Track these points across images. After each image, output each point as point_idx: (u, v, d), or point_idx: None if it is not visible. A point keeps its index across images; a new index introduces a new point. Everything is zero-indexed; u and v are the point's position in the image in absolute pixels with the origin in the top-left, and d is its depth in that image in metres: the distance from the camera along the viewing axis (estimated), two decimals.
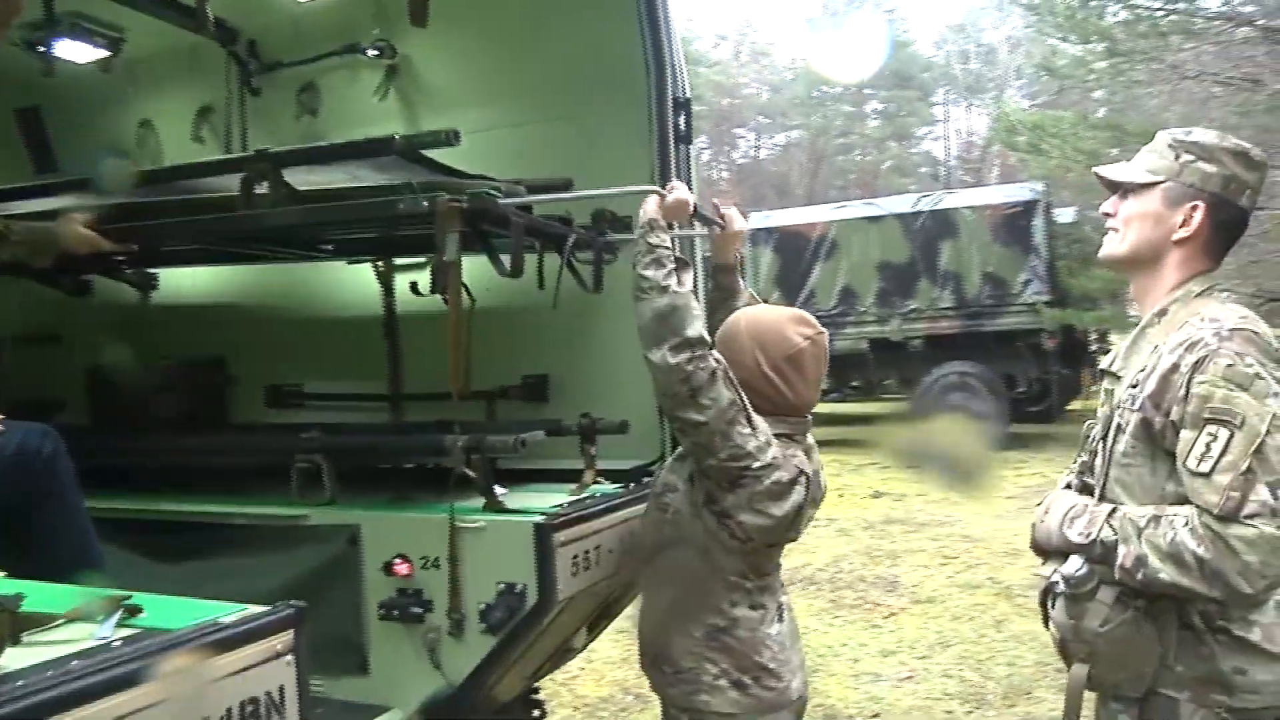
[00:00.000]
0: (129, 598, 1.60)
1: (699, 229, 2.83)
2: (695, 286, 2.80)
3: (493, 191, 2.47)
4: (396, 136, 2.58)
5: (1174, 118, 11.63)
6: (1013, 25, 37.59)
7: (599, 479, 3.03)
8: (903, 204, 13.55)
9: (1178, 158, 1.88)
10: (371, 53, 3.62)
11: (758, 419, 2.10)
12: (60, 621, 1.51)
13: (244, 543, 2.79)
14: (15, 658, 1.33)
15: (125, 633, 1.46)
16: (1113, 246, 1.98)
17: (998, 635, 5.66)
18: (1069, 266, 12.36)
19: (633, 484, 3.01)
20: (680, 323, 2.06)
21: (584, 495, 2.83)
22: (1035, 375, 12.37)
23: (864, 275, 12.95)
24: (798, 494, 2.14)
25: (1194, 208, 1.86)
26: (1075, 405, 14.35)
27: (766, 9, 57.80)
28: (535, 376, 3.45)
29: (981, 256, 12.45)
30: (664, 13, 3.21)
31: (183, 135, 4.02)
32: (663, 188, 3.20)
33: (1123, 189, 1.96)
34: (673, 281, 2.10)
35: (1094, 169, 2.05)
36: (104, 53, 3.93)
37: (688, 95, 3.31)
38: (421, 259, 3.57)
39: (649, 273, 2.11)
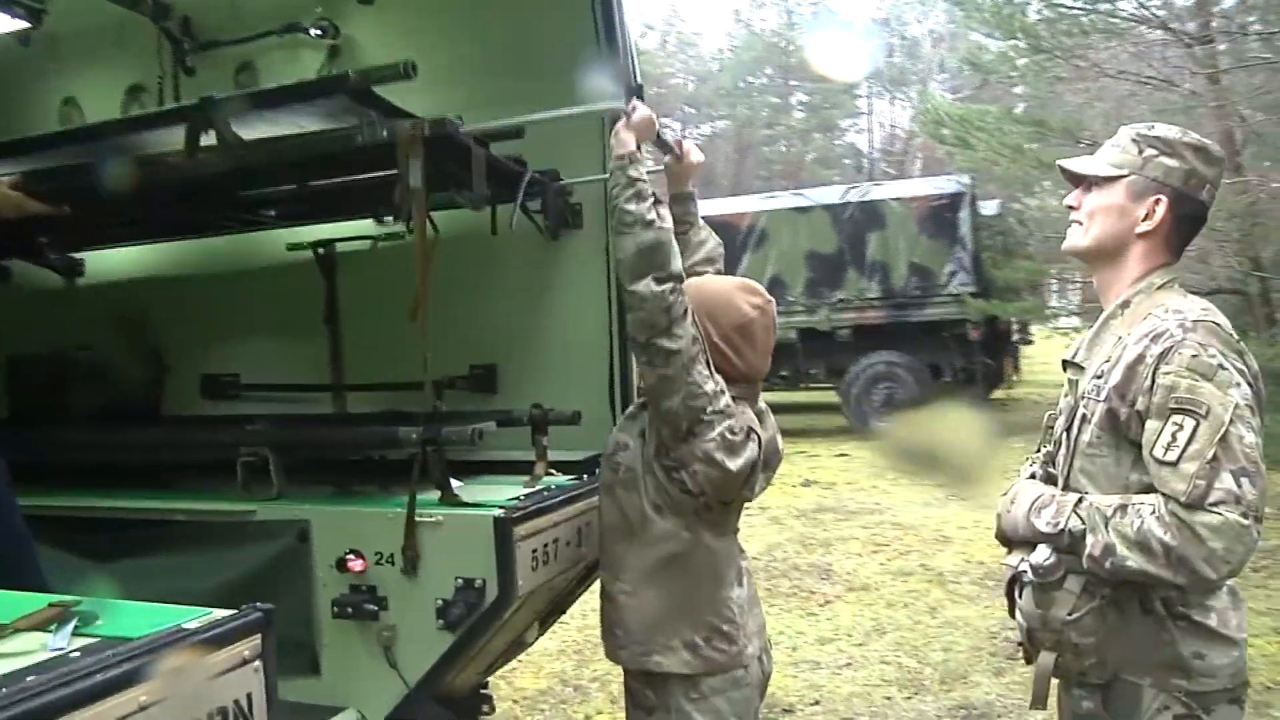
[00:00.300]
0: (79, 604, 1.51)
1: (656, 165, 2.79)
2: None
3: (453, 119, 2.44)
4: (350, 72, 2.47)
5: (1095, 115, 11.97)
6: (936, 20, 38.36)
7: (551, 470, 2.98)
8: (831, 195, 13.70)
9: (1140, 152, 1.92)
10: (314, 32, 3.49)
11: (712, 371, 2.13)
12: (8, 631, 1.42)
13: (186, 540, 2.68)
14: None
15: (82, 642, 1.38)
16: (1076, 239, 2.00)
17: (932, 621, 5.75)
18: (993, 258, 12.64)
19: (586, 476, 2.96)
20: (665, 257, 2.08)
21: (539, 488, 2.78)
22: (960, 365, 12.63)
23: (793, 265, 13.05)
24: (750, 450, 2.14)
25: (1156, 201, 1.90)
26: (999, 394, 14.74)
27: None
28: (483, 367, 3.38)
29: (908, 247, 12.65)
30: (619, 8, 3.16)
31: (110, 114, 3.83)
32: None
33: (1086, 182, 1.98)
34: (655, 215, 2.10)
35: (1058, 161, 2.07)
36: (23, 24, 3.75)
37: (640, 83, 3.27)
38: (365, 235, 3.51)
39: (631, 206, 2.10)
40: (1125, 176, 1.92)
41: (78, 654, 1.32)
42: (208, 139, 2.56)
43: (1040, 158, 10.21)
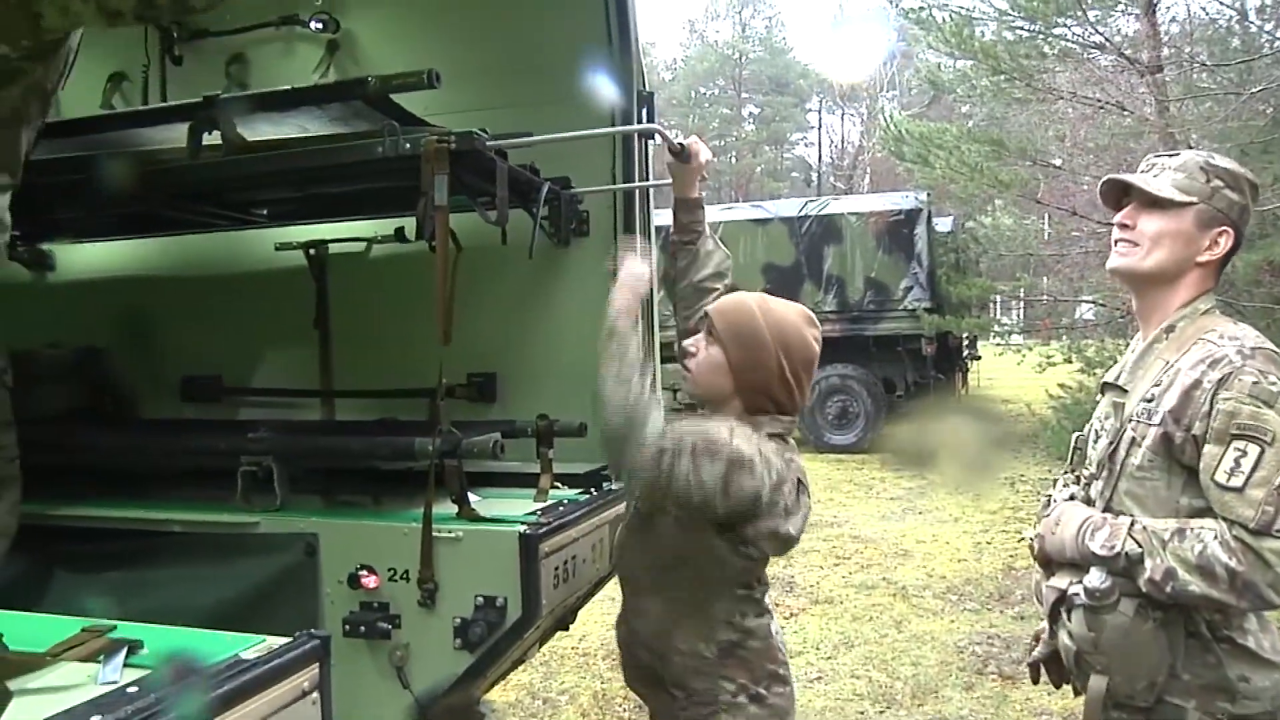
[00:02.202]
0: (114, 629, 1.41)
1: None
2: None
3: (478, 133, 2.37)
4: (370, 78, 2.39)
5: (1049, 137, 12.19)
6: (888, 37, 38.82)
7: (556, 484, 2.90)
8: (790, 208, 13.71)
9: (1208, 181, 1.92)
10: (315, 25, 3.38)
11: (744, 431, 1.91)
12: (48, 662, 1.31)
13: (183, 553, 2.55)
14: (19, 713, 1.13)
15: (133, 674, 1.27)
16: (1134, 260, 1.98)
17: (899, 635, 5.75)
18: (947, 274, 12.76)
19: (593, 489, 2.89)
20: (642, 428, 1.88)
21: (551, 502, 2.70)
22: (914, 379, 12.72)
23: (749, 277, 13.00)
24: (805, 503, 2.05)
25: (1222, 232, 1.92)
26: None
27: (648, 8, 58.12)
28: (483, 375, 3.30)
29: (865, 262, 12.72)
30: (631, 13, 3.12)
31: (91, 104, 3.66)
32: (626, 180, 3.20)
33: (1140, 202, 1.97)
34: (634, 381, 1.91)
35: (1116, 176, 2.05)
36: None
37: (650, 89, 3.23)
38: (358, 237, 3.40)
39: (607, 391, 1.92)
40: (1194, 204, 1.91)
41: (135, 689, 1.21)
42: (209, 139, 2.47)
43: (997, 176, 10.34)
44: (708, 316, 2.13)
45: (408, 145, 2.27)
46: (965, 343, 14.38)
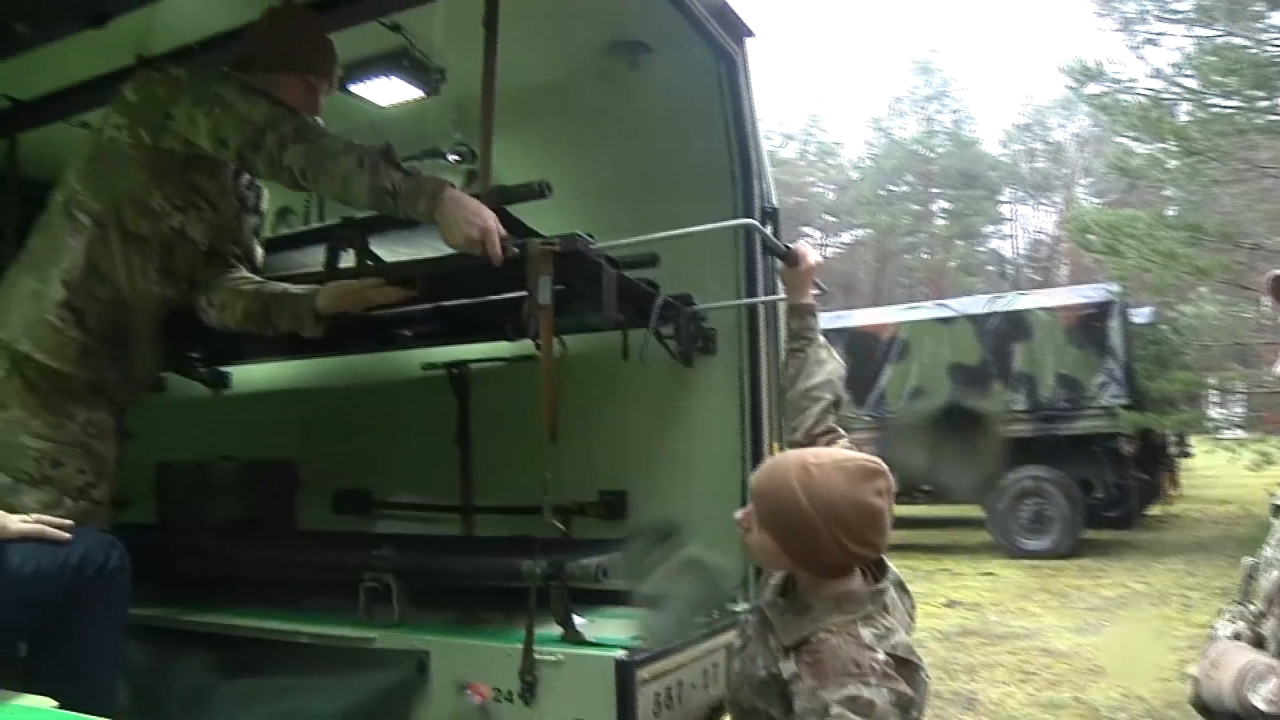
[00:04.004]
0: None
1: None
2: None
3: (584, 235, 2.41)
4: (482, 191, 2.45)
5: (1257, 217, 11.40)
6: (1080, 124, 37.64)
7: None
8: (975, 305, 13.26)
9: None
10: (452, 157, 3.58)
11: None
12: None
13: (306, 663, 2.65)
14: None
15: None
16: None
17: None
18: (1146, 369, 12.00)
19: (715, 613, 2.82)
20: None
21: None
22: (1113, 480, 11.88)
23: (936, 377, 12.66)
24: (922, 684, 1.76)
25: None
26: (1155, 511, 13.88)
27: (833, 109, 58.65)
28: (614, 493, 3.33)
29: (1056, 358, 12.10)
30: (751, 120, 3.15)
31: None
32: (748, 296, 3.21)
33: None
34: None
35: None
36: None
37: (774, 205, 3.23)
38: (499, 357, 3.51)
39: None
40: None
41: None
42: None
43: (1196, 263, 9.73)
44: (752, 493, 1.93)
45: (515, 250, 2.30)
46: (1173, 440, 13.38)
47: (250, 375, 4.05)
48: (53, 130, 3.33)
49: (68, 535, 2.01)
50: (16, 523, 1.95)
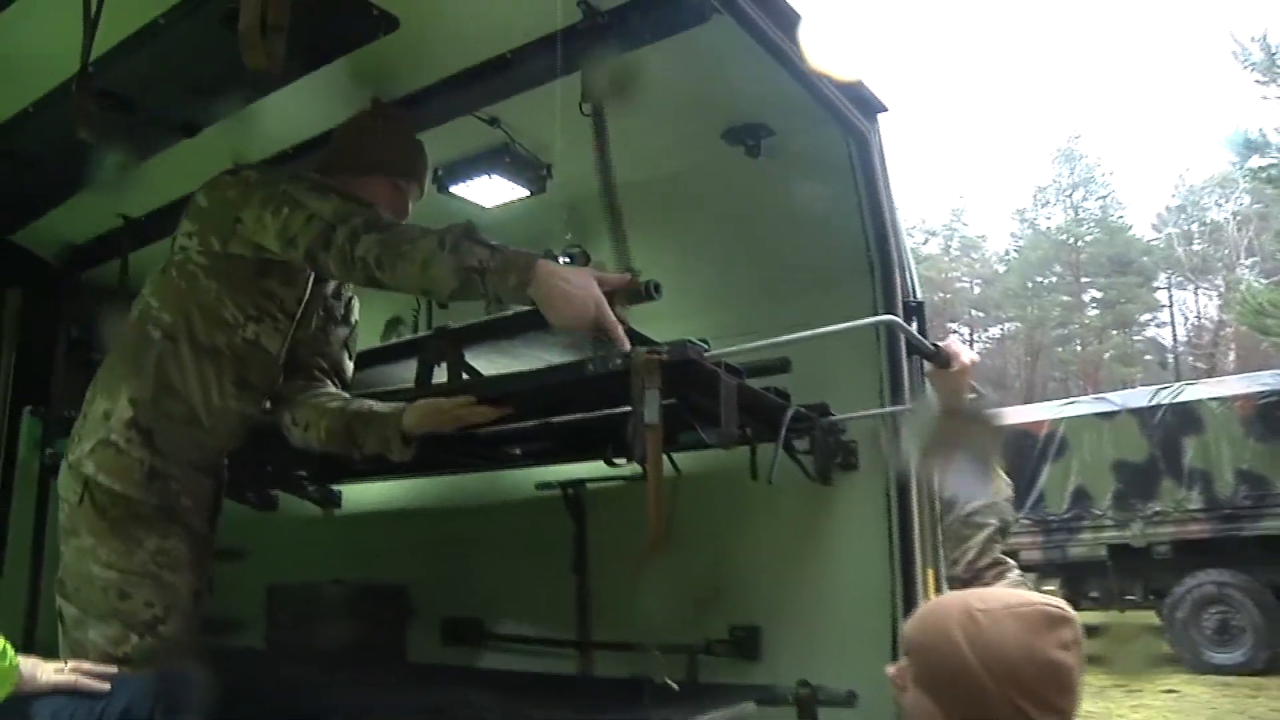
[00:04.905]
0: None
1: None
2: None
3: (696, 342, 2.12)
4: None
5: None
6: (1239, 201, 35.86)
7: None
8: (1138, 397, 12.46)
9: None
10: (563, 259, 3.36)
11: None
12: None
13: None
14: None
15: None
16: None
17: None
18: None
19: None
20: None
21: None
22: None
23: (1098, 476, 11.82)
24: None
25: None
26: None
27: (975, 202, 57.84)
28: (745, 629, 2.97)
29: (1234, 452, 11.16)
30: (888, 204, 2.83)
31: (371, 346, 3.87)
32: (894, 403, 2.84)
33: None
34: None
35: None
36: None
37: (919, 298, 2.88)
38: (619, 476, 3.22)
39: None
40: None
41: None
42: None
43: None
44: (906, 645, 1.60)
45: (619, 361, 2.05)
46: None
47: (362, 494, 3.88)
48: (159, 248, 3.28)
49: (105, 686, 1.84)
50: (49, 673, 1.82)
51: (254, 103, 2.64)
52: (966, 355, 2.06)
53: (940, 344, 2.04)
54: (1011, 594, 1.55)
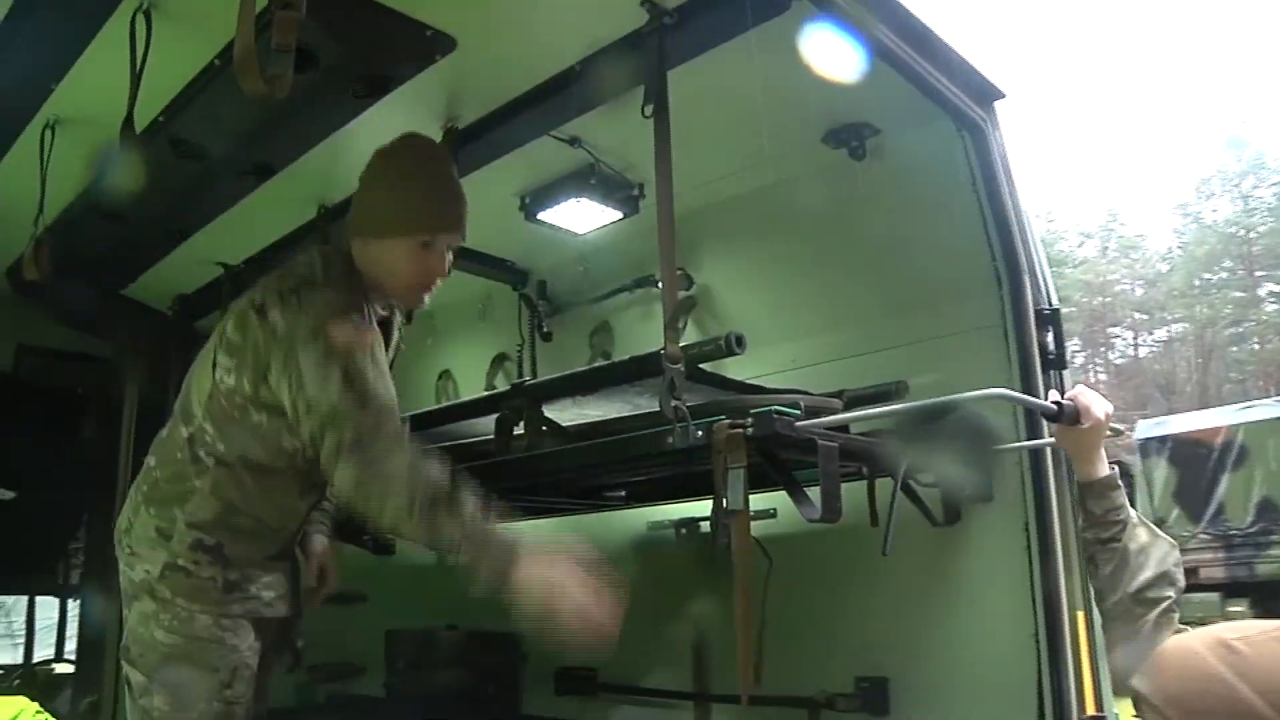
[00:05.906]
0: None
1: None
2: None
3: (787, 410, 1.88)
4: (664, 351, 2.02)
5: None
6: None
7: None
8: None
9: None
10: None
11: None
12: None
13: None
14: None
15: None
16: None
17: None
18: None
19: None
20: None
21: None
22: None
23: None
24: None
25: None
26: None
27: (1134, 199, 55.01)
28: (871, 680, 2.70)
29: None
30: (1015, 212, 2.53)
31: (477, 386, 3.77)
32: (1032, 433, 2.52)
33: None
34: None
35: None
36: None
37: (1055, 306, 2.56)
38: None
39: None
40: None
41: None
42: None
43: None
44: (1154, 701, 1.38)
45: (699, 433, 1.88)
46: None
47: None
48: None
49: None
50: None
51: (325, 140, 2.56)
52: (1099, 407, 1.71)
53: (1065, 399, 1.72)
54: (1254, 621, 1.45)
